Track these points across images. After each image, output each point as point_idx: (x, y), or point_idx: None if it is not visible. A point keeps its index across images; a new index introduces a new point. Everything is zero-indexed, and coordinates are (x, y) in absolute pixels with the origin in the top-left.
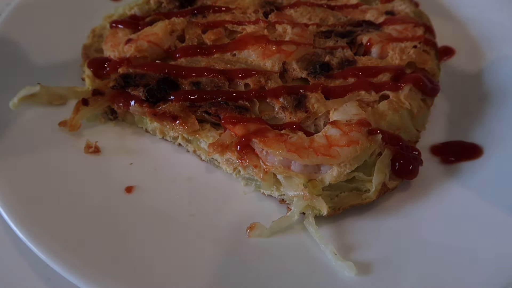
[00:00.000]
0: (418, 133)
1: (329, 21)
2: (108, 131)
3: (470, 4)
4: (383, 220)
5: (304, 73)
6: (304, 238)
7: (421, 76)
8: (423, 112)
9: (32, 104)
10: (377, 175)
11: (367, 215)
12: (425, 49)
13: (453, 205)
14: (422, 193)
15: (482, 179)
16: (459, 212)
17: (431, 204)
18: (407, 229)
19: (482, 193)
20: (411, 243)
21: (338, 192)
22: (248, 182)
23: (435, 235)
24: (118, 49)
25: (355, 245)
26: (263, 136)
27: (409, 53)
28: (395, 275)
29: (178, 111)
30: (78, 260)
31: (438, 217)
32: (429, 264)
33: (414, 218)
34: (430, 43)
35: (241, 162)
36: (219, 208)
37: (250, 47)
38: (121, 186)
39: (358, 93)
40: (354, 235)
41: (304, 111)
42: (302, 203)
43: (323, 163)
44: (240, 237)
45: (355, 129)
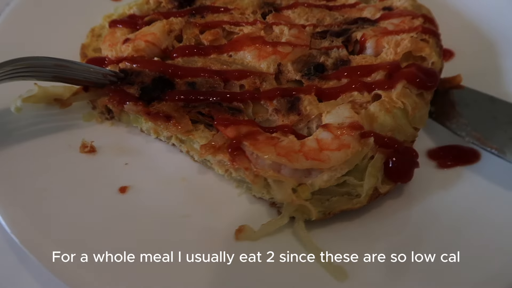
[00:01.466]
0: (415, 131)
1: (326, 21)
2: (105, 131)
3: (472, 6)
4: (375, 226)
5: (298, 75)
6: (294, 242)
7: (414, 70)
8: (420, 108)
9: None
10: (368, 180)
11: (359, 220)
12: (423, 38)
13: (448, 211)
14: (416, 199)
15: (479, 185)
16: (454, 218)
17: (425, 210)
18: (399, 234)
19: (478, 199)
20: (403, 249)
21: (329, 197)
22: (239, 184)
23: (428, 242)
24: (115, 48)
25: (347, 250)
26: (253, 139)
27: (404, 43)
28: (386, 282)
29: (172, 111)
30: (69, 260)
31: (431, 223)
32: (423, 271)
33: (406, 223)
34: (429, 31)
35: (232, 164)
36: (212, 210)
37: (246, 48)
38: (116, 186)
39: (350, 94)
40: (345, 240)
41: (296, 114)
42: (291, 207)
43: (313, 167)
44: (231, 240)
45: (347, 132)
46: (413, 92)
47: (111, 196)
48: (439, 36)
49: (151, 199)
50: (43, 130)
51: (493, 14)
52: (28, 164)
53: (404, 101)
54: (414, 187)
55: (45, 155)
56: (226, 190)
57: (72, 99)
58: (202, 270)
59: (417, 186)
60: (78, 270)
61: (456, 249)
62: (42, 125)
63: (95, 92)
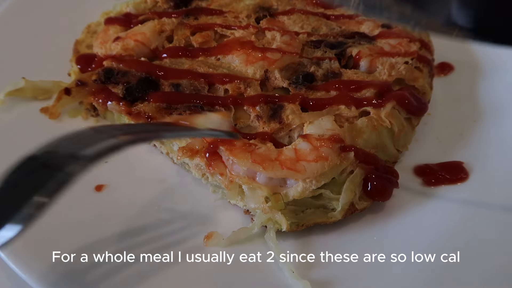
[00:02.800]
0: (398, 153)
1: (321, 30)
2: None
3: None
4: (350, 240)
5: (285, 83)
6: (265, 252)
7: (406, 94)
8: (406, 131)
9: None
10: (345, 194)
11: (334, 233)
12: (417, 66)
13: (425, 230)
14: (394, 216)
15: (462, 205)
16: (430, 238)
17: (402, 227)
18: (373, 250)
19: (458, 219)
20: (375, 265)
21: (303, 208)
22: (215, 189)
23: (402, 259)
24: (106, 46)
25: (317, 263)
26: (230, 144)
27: (399, 69)
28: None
29: (153, 111)
30: (39, 259)
31: (407, 241)
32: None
33: (382, 240)
34: (424, 60)
35: (208, 168)
36: (186, 214)
37: (235, 52)
38: (92, 184)
39: (337, 107)
40: (317, 253)
41: (278, 122)
42: (264, 216)
43: (288, 177)
44: (201, 246)
45: (326, 144)
46: (402, 115)
47: (85, 193)
48: (432, 65)
49: (126, 199)
50: (27, 124)
51: None
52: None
53: (392, 122)
54: (393, 204)
55: (25, 149)
56: (203, 195)
57: (59, 107)
58: (168, 274)
59: (396, 203)
60: (44, 270)
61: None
62: (27, 119)
63: (78, 94)
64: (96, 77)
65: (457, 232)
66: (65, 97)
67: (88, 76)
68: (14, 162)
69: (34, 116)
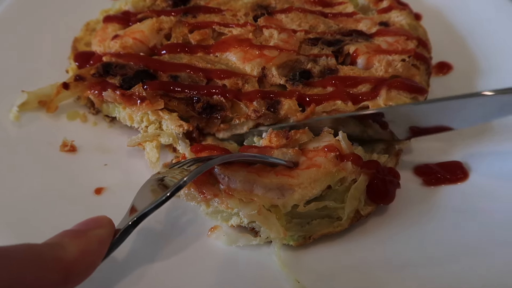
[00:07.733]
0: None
1: (319, 28)
2: (88, 130)
3: (474, 20)
4: (356, 246)
5: (282, 80)
6: (270, 263)
7: (397, 79)
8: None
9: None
10: (349, 203)
11: (341, 240)
12: (414, 63)
13: (431, 230)
14: (398, 217)
15: (463, 204)
16: (436, 238)
17: (408, 229)
18: (380, 256)
19: (462, 218)
20: (384, 271)
21: (309, 220)
22: (213, 217)
23: (412, 262)
24: (104, 44)
25: (324, 274)
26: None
27: (396, 67)
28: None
29: (149, 96)
30: None
31: (414, 243)
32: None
33: (389, 244)
34: (421, 58)
35: (203, 197)
36: (185, 217)
37: (232, 50)
38: (92, 186)
39: (334, 102)
40: (324, 262)
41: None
42: (268, 232)
43: (283, 183)
44: (201, 247)
45: (320, 154)
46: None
47: (86, 196)
48: (430, 63)
49: (125, 203)
50: (26, 128)
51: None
52: (4, 159)
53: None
54: (396, 206)
55: (24, 152)
56: None
57: (56, 100)
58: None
59: (400, 204)
60: None
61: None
62: (25, 123)
63: (76, 88)
64: (95, 71)
65: (457, 232)
66: (63, 92)
67: (86, 71)
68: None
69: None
